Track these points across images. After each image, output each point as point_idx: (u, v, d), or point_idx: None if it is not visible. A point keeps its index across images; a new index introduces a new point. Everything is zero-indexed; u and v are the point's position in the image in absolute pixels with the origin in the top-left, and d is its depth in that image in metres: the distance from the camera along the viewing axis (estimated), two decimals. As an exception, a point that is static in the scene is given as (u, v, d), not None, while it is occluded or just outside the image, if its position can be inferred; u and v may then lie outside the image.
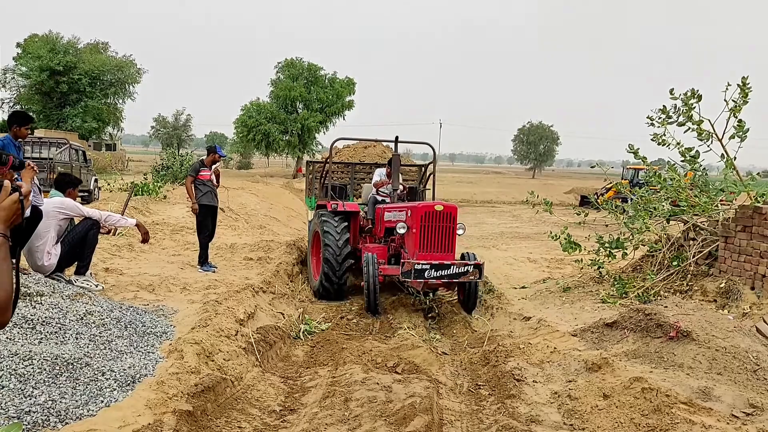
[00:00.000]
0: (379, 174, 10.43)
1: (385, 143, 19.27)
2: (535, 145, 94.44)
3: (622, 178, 32.81)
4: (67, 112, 43.00)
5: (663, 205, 8.42)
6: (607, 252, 8.65)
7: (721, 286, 7.29)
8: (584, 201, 32.72)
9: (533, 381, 5.32)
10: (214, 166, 9.87)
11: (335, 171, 12.80)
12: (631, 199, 9.23)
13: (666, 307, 5.87)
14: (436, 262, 7.60)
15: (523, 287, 9.59)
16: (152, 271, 8.44)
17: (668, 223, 8.66)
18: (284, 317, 7.43)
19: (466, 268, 7.68)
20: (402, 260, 7.93)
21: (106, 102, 45.31)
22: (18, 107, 45.79)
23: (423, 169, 11.73)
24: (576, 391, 4.97)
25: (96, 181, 20.68)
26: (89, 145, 47.29)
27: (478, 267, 7.79)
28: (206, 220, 9.56)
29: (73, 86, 42.24)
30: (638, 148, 8.52)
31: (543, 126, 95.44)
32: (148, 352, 4.88)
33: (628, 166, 36.89)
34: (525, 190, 13.07)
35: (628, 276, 8.49)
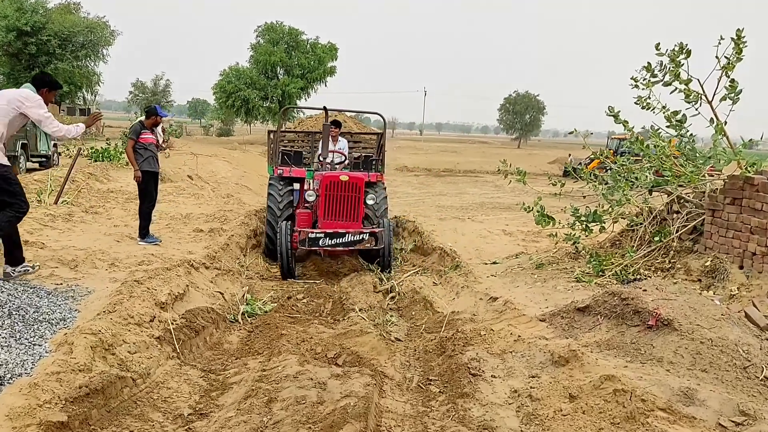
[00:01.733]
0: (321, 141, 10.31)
1: (350, 113, 18.54)
2: (521, 115, 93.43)
3: (607, 149, 32.08)
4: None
5: (645, 175, 7.69)
6: (584, 226, 7.95)
7: (707, 264, 6.63)
8: (566, 172, 32.13)
9: (492, 376, 4.63)
10: (158, 128, 9.03)
11: (296, 139, 12.46)
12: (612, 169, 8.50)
13: (645, 290, 5.17)
14: (331, 231, 8.01)
15: (494, 263, 8.89)
16: (82, 244, 7.62)
17: (650, 194, 7.96)
18: (224, 297, 6.67)
19: (361, 236, 8.07)
20: (297, 229, 8.22)
21: (77, 65, 43.59)
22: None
23: (379, 137, 11.08)
24: (539, 389, 4.28)
25: (55, 146, 19.63)
26: (62, 110, 45.79)
27: (374, 235, 8.14)
28: (149, 186, 8.72)
29: (42, 48, 40.40)
30: (618, 111, 7.75)
31: (529, 95, 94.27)
32: (33, 345, 4.11)
33: (613, 136, 36.19)
34: (510, 159, 12.28)
35: (605, 252, 7.81)
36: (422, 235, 10.36)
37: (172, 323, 5.07)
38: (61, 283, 5.80)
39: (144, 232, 8.53)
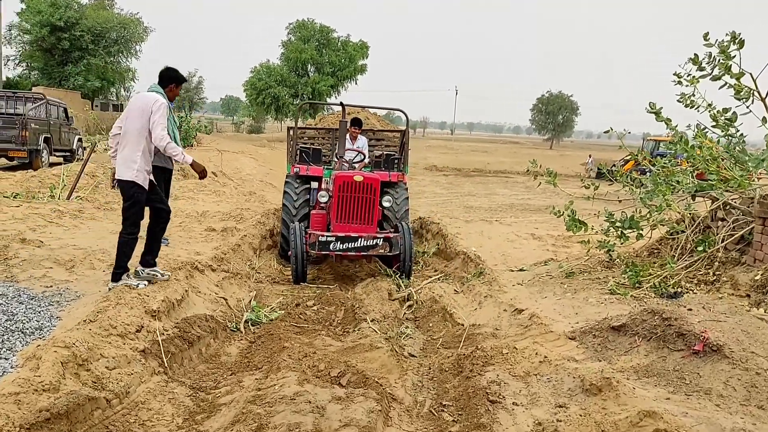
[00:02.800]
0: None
1: (373, 110, 18.07)
2: (554, 115, 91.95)
3: (642, 150, 31.08)
4: (69, 70, 41.57)
5: (688, 179, 7.05)
6: (619, 232, 7.32)
7: (756, 278, 5.98)
8: (600, 173, 31.16)
9: (513, 403, 4.09)
10: None
11: (316, 136, 12.06)
12: (651, 171, 7.87)
13: (690, 309, 4.58)
14: (342, 234, 7.61)
15: (521, 270, 8.31)
16: (85, 242, 7.26)
17: (693, 200, 7.30)
18: (228, 303, 6.23)
19: (375, 241, 7.66)
20: (309, 231, 7.78)
21: (110, 61, 43.86)
22: (23, 65, 44.69)
23: (402, 135, 10.55)
24: (567, 423, 3.73)
25: (80, 140, 19.50)
26: (96, 106, 46.13)
27: (388, 240, 7.72)
28: (159, 184, 8.31)
29: (75, 43, 40.74)
30: (660, 108, 7.11)
31: (562, 96, 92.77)
32: (-1, 359, 3.70)
33: (648, 137, 35.14)
34: (541, 160, 11.69)
35: (642, 262, 7.18)
36: (446, 238, 9.83)
37: (162, 334, 4.63)
38: (51, 286, 5.42)
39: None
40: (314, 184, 9.34)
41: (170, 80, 5.89)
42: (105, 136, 24.81)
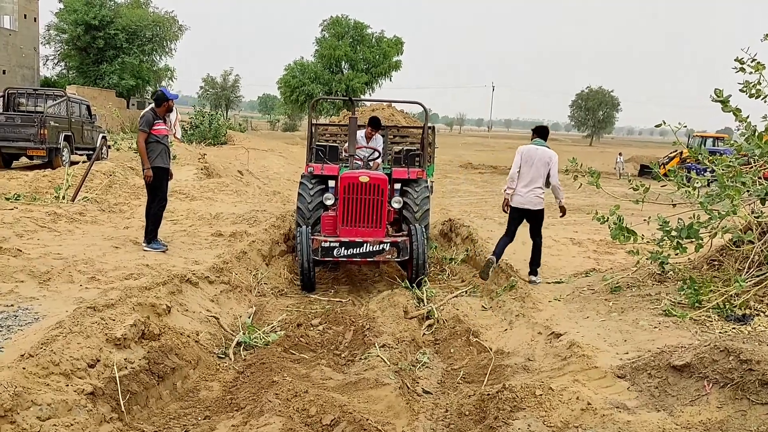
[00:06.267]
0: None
1: (394, 104, 17.20)
2: (594, 111, 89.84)
3: (689, 148, 29.59)
4: (104, 69, 41.71)
5: (758, 181, 6.03)
6: (674, 243, 6.33)
7: None
8: (644, 170, 29.80)
9: (547, 469, 3.21)
10: (172, 117, 7.92)
11: (338, 133, 11.42)
12: (699, 169, 6.85)
13: (776, 348, 3.63)
14: (347, 240, 7.09)
15: (559, 282, 7.38)
16: (70, 250, 6.58)
17: (763, 204, 6.27)
18: (219, 322, 5.46)
19: (381, 246, 7.10)
20: (312, 236, 7.20)
21: (144, 59, 43.91)
22: (61, 65, 45.07)
23: (423, 131, 9.75)
24: (617, 505, 2.84)
25: (104, 138, 19.05)
26: (132, 104, 46.21)
27: (396, 245, 7.15)
28: (163, 185, 7.62)
29: (110, 42, 40.83)
30: (729, 96, 6.10)
31: (603, 91, 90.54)
32: None
33: (694, 134, 33.56)
34: (582, 158, 10.73)
35: (702, 276, 6.18)
36: (475, 244, 8.94)
37: (124, 368, 3.87)
38: (12, 305, 4.71)
39: (151, 237, 7.43)
40: (331, 183, 8.65)
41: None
42: (129, 135, 24.40)
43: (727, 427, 3.30)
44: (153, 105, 7.58)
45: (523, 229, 11.37)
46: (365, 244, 7.03)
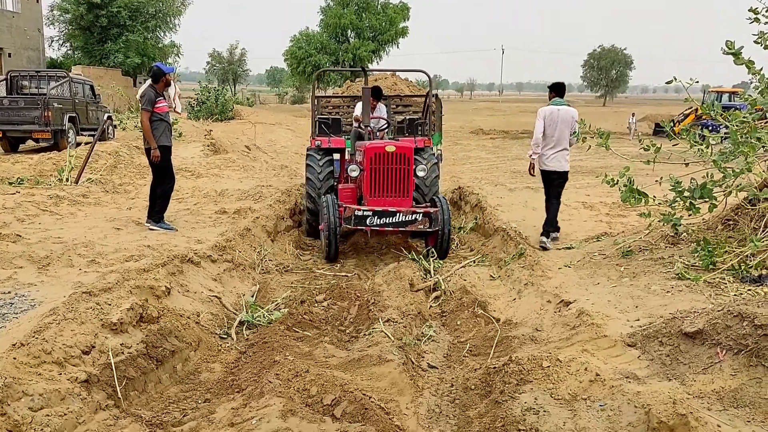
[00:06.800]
0: (359, 108, 9.00)
1: (404, 76, 16.97)
2: (607, 71, 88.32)
3: (703, 104, 28.95)
4: (108, 48, 41.37)
5: (772, 135, 5.79)
6: (687, 203, 6.13)
7: None
8: (658, 130, 29.23)
9: (554, 444, 3.10)
10: (171, 91, 7.77)
11: (341, 105, 11.33)
12: (715, 126, 6.62)
13: (793, 312, 3.46)
14: (380, 209, 7.01)
15: (570, 247, 7.21)
16: (72, 233, 6.51)
17: (778, 160, 6.05)
18: (222, 302, 5.38)
19: (414, 216, 7.04)
20: (343, 205, 7.23)
21: (149, 36, 43.52)
22: (66, 45, 44.82)
23: (426, 99, 9.59)
24: (627, 481, 2.73)
25: (110, 119, 18.93)
26: (139, 82, 45.92)
27: (428, 215, 7.07)
28: (169, 164, 7.50)
29: (113, 20, 40.40)
30: (741, 47, 5.83)
31: (615, 50, 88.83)
32: None
33: (710, 89, 32.86)
34: (594, 118, 10.44)
35: (716, 236, 6.00)
36: (484, 212, 8.78)
37: (120, 353, 3.79)
38: (9, 291, 4.65)
39: (159, 217, 7.33)
40: (336, 156, 8.59)
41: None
42: (135, 114, 24.22)
43: (741, 396, 3.17)
44: (150, 81, 7.42)
45: (534, 195, 11.22)
46: (398, 214, 7.01)
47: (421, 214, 7.06)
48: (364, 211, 7.02)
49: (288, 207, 9.09)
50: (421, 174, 7.78)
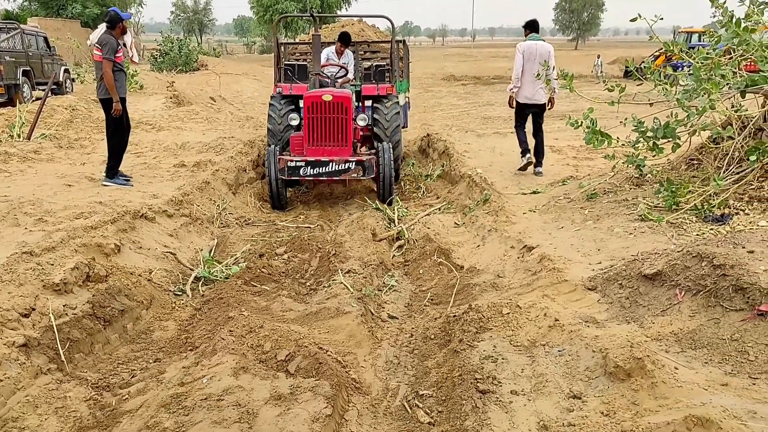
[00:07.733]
0: (326, 54, 8.88)
1: (365, 19, 16.57)
2: (578, 14, 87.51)
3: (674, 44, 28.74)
4: (66, -1, 39.98)
5: (737, 73, 5.69)
6: (650, 144, 6.04)
7: (828, 192, 4.76)
8: (628, 72, 29.03)
9: (511, 392, 3.04)
10: (128, 39, 7.39)
11: (308, 51, 10.92)
12: (685, 65, 6.50)
13: (752, 251, 3.41)
14: (312, 159, 7.07)
15: (535, 192, 7.13)
16: (19, 192, 6.24)
17: (743, 97, 5.95)
18: (177, 258, 5.22)
19: (347, 164, 7.05)
20: (279, 156, 7.22)
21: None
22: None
23: (391, 46, 9.34)
24: (582, 427, 2.68)
25: (67, 72, 18.27)
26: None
27: (361, 163, 7.06)
28: (125, 115, 7.18)
29: (70, -32, 38.97)
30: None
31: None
32: None
33: (680, 30, 32.69)
34: (566, 62, 10.15)
35: (680, 176, 5.94)
36: (450, 159, 8.64)
37: (64, 315, 3.63)
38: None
39: (115, 171, 7.06)
40: (301, 103, 8.35)
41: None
42: (90, 66, 23.39)
43: (699, 337, 3.12)
44: (106, 27, 7.00)
45: (502, 140, 11.10)
46: (331, 163, 6.99)
47: (354, 163, 7.07)
48: (297, 161, 7.06)
49: (251, 159, 8.86)
50: (361, 123, 7.69)
